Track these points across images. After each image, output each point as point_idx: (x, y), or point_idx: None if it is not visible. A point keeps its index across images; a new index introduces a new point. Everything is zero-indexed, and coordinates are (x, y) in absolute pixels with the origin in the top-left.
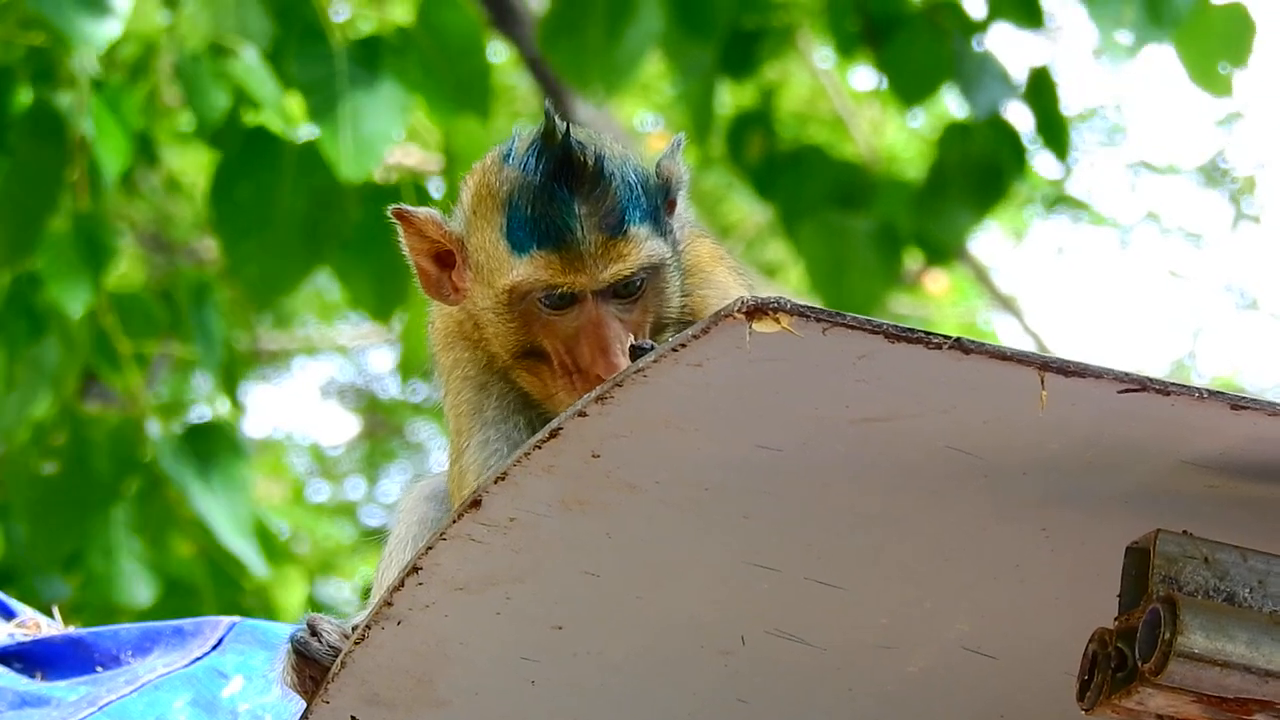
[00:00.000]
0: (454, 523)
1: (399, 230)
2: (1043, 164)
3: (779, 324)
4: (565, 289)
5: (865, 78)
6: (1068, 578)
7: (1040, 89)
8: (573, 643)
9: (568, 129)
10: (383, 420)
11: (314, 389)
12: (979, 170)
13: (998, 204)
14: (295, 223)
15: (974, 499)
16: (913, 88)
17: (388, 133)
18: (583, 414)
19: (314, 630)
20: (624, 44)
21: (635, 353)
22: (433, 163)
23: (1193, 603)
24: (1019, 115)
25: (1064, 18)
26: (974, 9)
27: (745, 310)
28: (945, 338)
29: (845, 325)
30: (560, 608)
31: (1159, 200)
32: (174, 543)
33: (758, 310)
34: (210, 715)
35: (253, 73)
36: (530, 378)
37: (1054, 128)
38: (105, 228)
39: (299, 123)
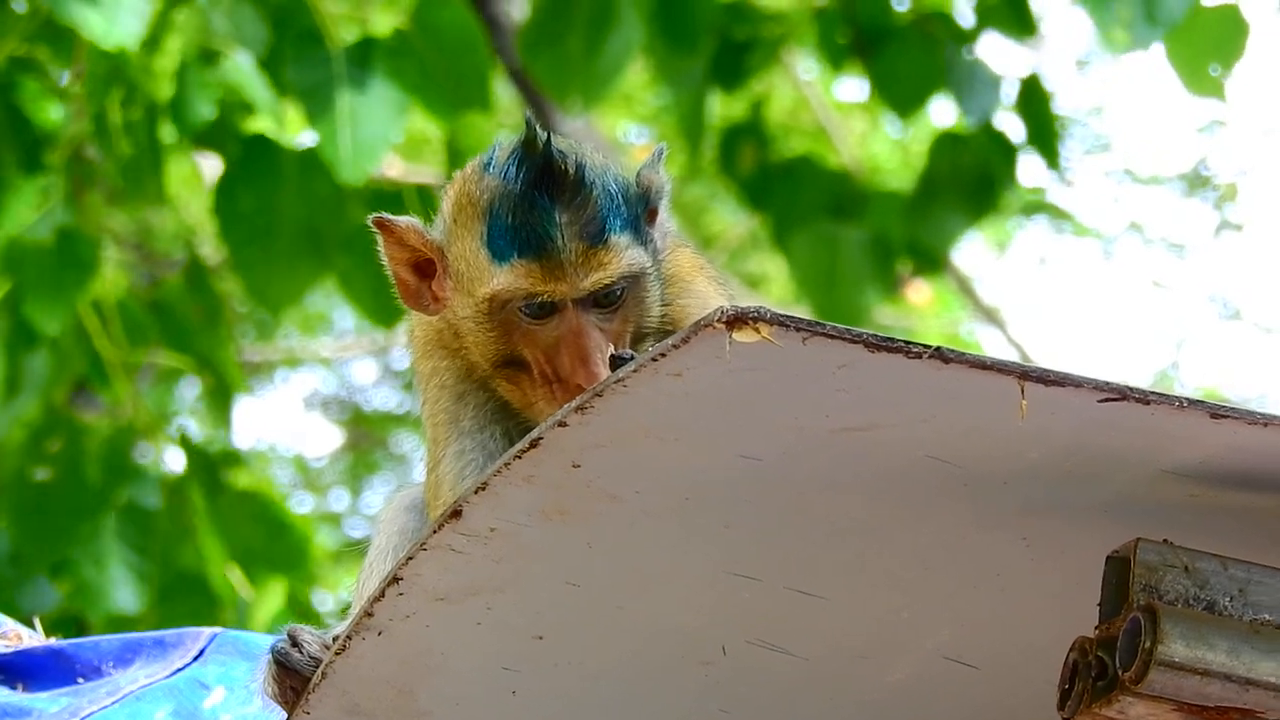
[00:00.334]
0: (434, 533)
1: (379, 240)
2: (1026, 174)
3: (759, 333)
4: (546, 298)
5: (849, 89)
6: (1048, 586)
7: (1032, 97)
8: (554, 653)
9: (549, 138)
10: (366, 432)
11: (297, 401)
12: (971, 179)
13: (989, 212)
14: (299, 230)
15: (954, 508)
16: (904, 97)
17: (386, 135)
18: (563, 424)
19: (295, 641)
20: (604, 54)
21: (615, 362)
22: (418, 175)
23: (1173, 611)
24: (1009, 124)
25: (1047, 28)
26: (964, 18)
27: (725, 320)
28: (925, 347)
29: (825, 335)
30: (541, 618)
31: (1142, 210)
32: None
33: (738, 320)
34: None
35: (246, 79)
36: (510, 387)
37: (1045, 135)
38: (87, 242)
39: (295, 129)
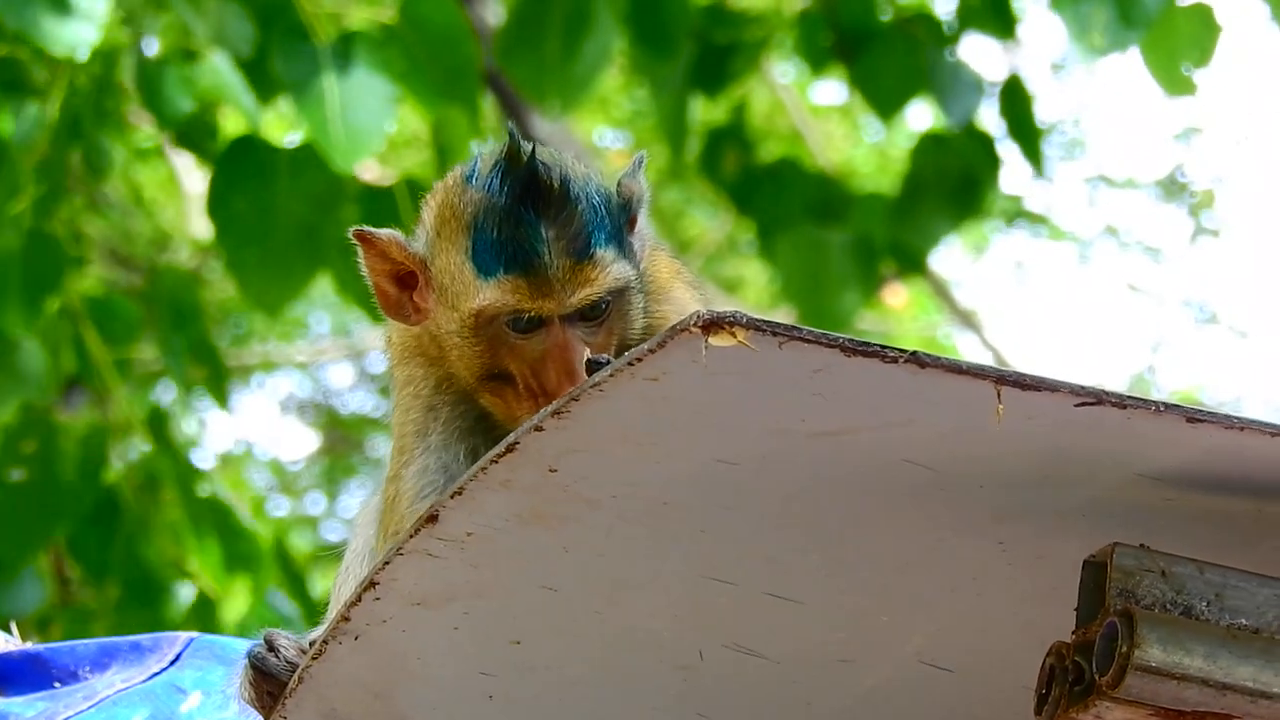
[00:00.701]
0: (411, 537)
1: (359, 252)
2: (1005, 178)
3: (735, 338)
4: (533, 314)
5: (827, 92)
6: (1025, 591)
7: (1014, 98)
8: (531, 657)
9: (533, 150)
10: (342, 436)
11: (274, 404)
12: (955, 180)
13: (974, 214)
14: (293, 229)
15: (931, 512)
16: (886, 99)
17: (379, 124)
18: (539, 428)
19: (271, 645)
20: (581, 58)
21: (592, 367)
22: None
23: (1150, 616)
24: (992, 126)
25: (1024, 32)
26: (946, 20)
27: (701, 324)
28: (902, 351)
29: (801, 339)
30: (518, 622)
31: (1118, 215)
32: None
33: (714, 324)
34: None
35: (226, 79)
36: (494, 399)
37: (1028, 137)
38: (56, 244)
39: (278, 130)
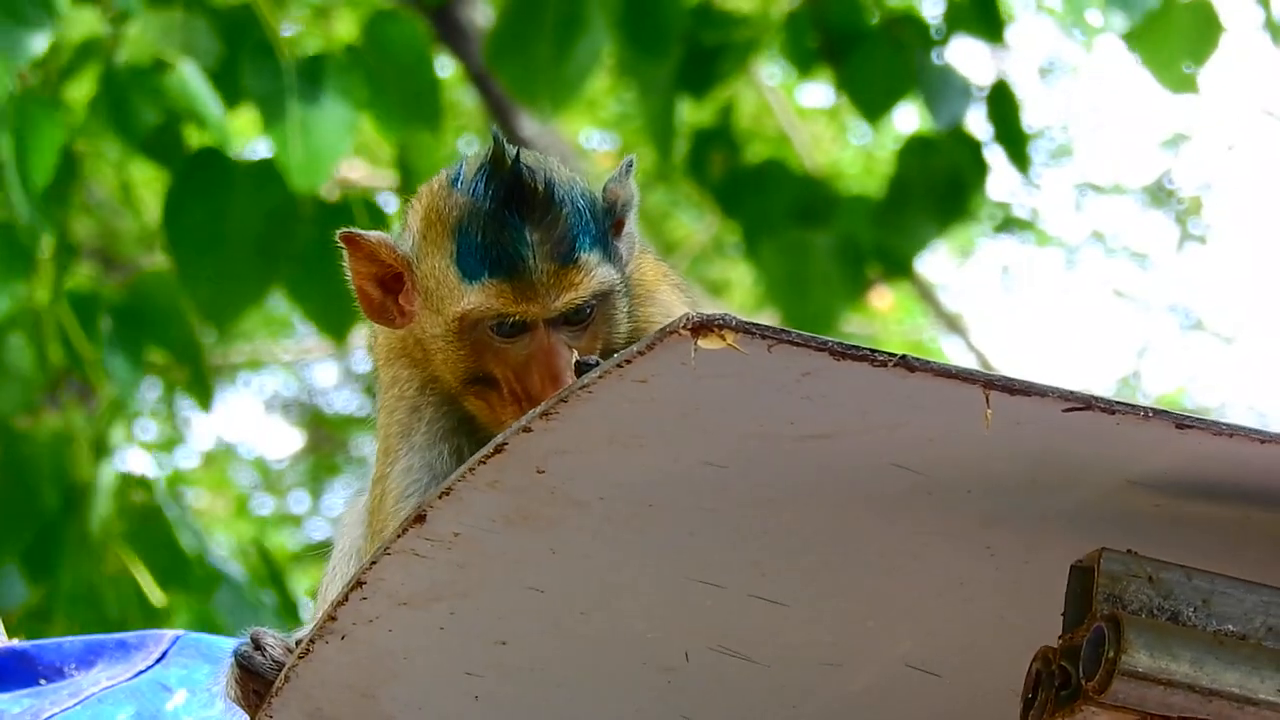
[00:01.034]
0: (398, 537)
1: (345, 254)
2: (993, 182)
3: (724, 340)
4: (517, 318)
5: (814, 94)
6: (1012, 596)
7: (1001, 101)
8: (516, 658)
9: (517, 154)
10: (327, 435)
11: (258, 403)
12: (941, 184)
13: (960, 217)
14: (248, 242)
15: (918, 517)
16: (873, 101)
17: (336, 147)
18: (527, 429)
19: (258, 644)
20: (572, 60)
21: (580, 369)
22: (379, 177)
23: (1137, 621)
24: (979, 129)
25: (1012, 36)
26: (934, 22)
27: (690, 327)
28: (890, 355)
29: (790, 342)
30: (504, 623)
31: (1105, 220)
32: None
33: (703, 327)
34: None
35: (195, 90)
36: (479, 403)
37: (1015, 140)
38: (25, 232)
39: (245, 141)
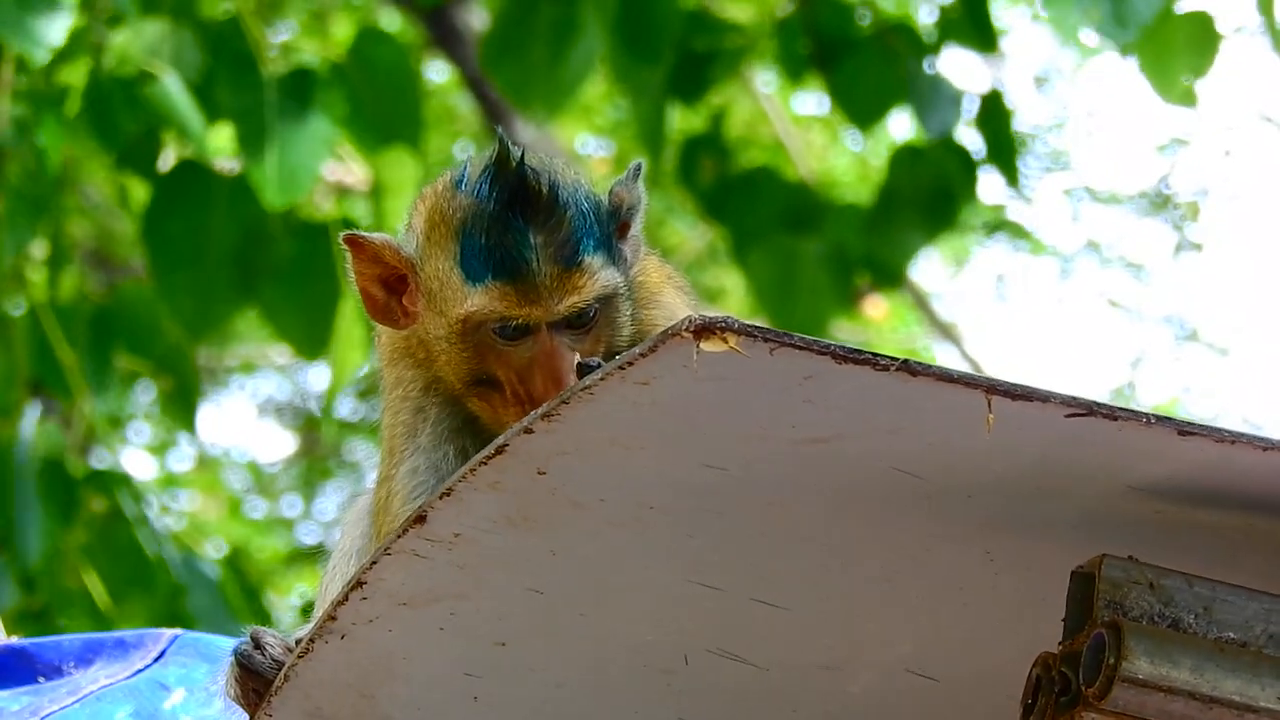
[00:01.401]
0: (399, 537)
1: (348, 256)
2: (986, 190)
3: (726, 343)
4: (520, 321)
5: (807, 102)
6: (1012, 601)
7: (992, 113)
8: (516, 660)
9: (522, 156)
10: (319, 439)
11: (251, 406)
12: (930, 193)
13: (948, 227)
14: (226, 256)
15: (919, 521)
16: (864, 110)
17: (313, 165)
18: (529, 430)
19: (258, 643)
20: (567, 65)
21: (582, 370)
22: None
23: (1137, 628)
24: (969, 139)
25: (1008, 44)
26: (926, 31)
27: (693, 329)
28: (893, 359)
29: (792, 346)
30: (504, 624)
31: (1100, 229)
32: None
33: (705, 329)
34: None
35: (177, 102)
36: (482, 405)
37: (1005, 152)
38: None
39: (225, 154)
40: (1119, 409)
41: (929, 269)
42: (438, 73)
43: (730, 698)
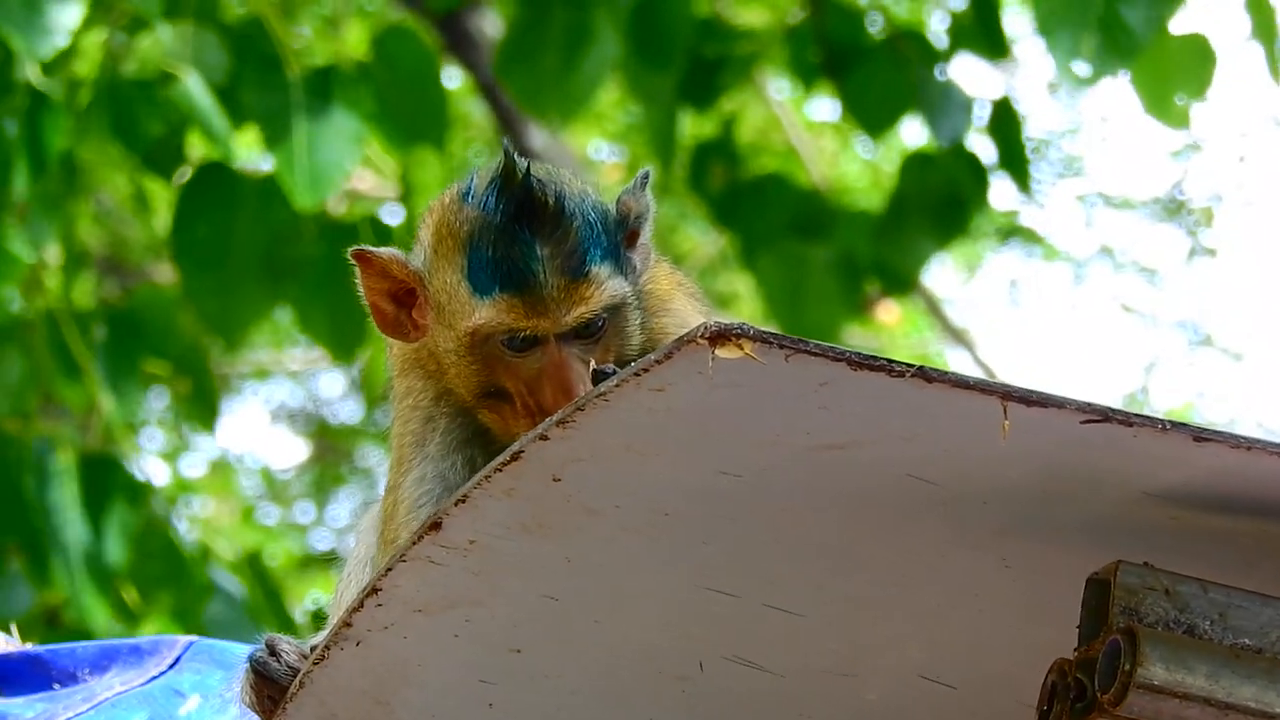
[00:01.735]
0: (414, 544)
1: (357, 271)
2: (998, 197)
3: (742, 350)
4: (528, 333)
5: (820, 109)
6: (1027, 608)
7: (1003, 119)
8: (531, 666)
9: (528, 167)
10: (332, 445)
11: (264, 412)
12: (940, 200)
13: (959, 234)
14: (253, 258)
15: (934, 528)
16: (875, 117)
17: (342, 163)
18: (544, 437)
19: (273, 650)
20: (580, 71)
21: (597, 377)
22: (387, 189)
23: (1153, 634)
24: (980, 146)
25: (1020, 49)
26: (937, 39)
27: (708, 336)
28: (908, 366)
29: (808, 352)
30: (519, 631)
31: (1113, 234)
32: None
33: (721, 336)
34: None
35: (200, 103)
36: (493, 416)
37: (1017, 159)
38: (24, 240)
39: (251, 155)
40: (1135, 415)
41: (942, 275)
42: (451, 79)
43: (744, 704)
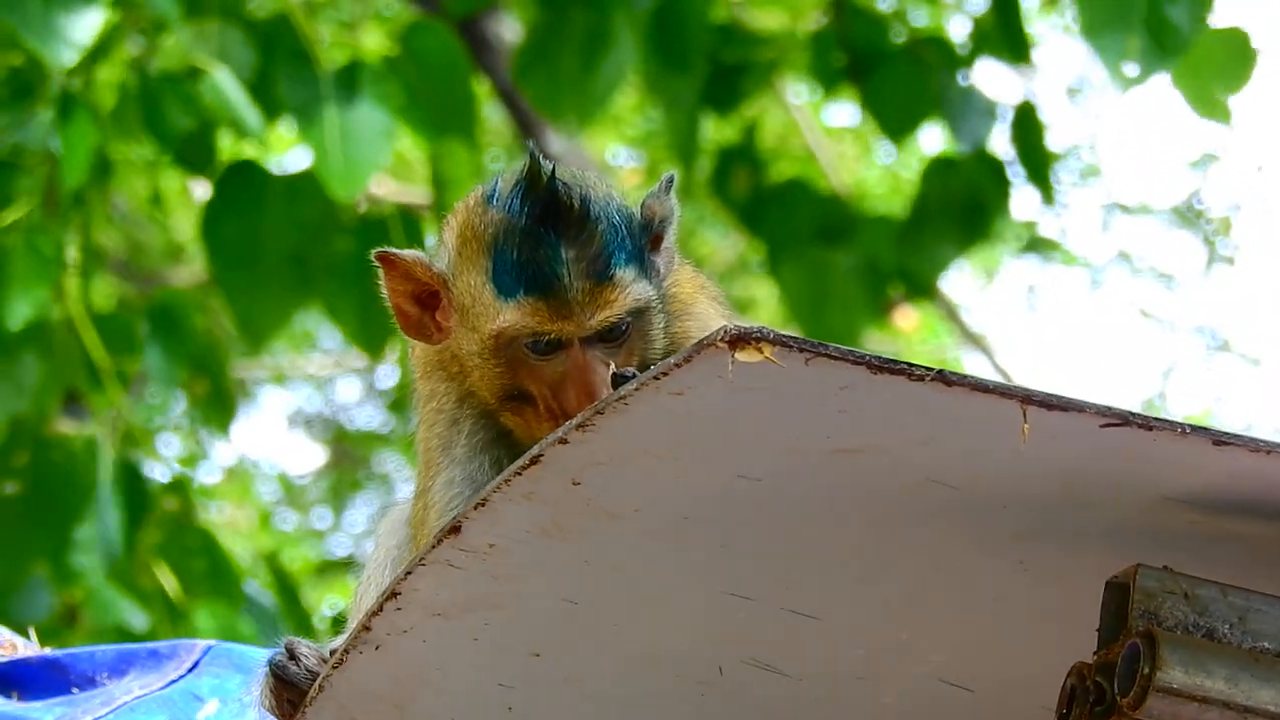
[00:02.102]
0: (433, 548)
1: (381, 273)
2: (1016, 203)
3: (761, 353)
4: (552, 336)
5: (839, 114)
6: (1046, 611)
7: (1026, 125)
8: (550, 670)
9: (553, 170)
10: (349, 451)
11: (281, 418)
12: (963, 205)
13: (981, 239)
14: (284, 255)
15: (953, 531)
16: (897, 122)
17: (374, 157)
18: (564, 441)
19: (292, 654)
20: (598, 75)
21: (617, 380)
22: (410, 193)
23: (1172, 638)
24: (1003, 150)
25: (1040, 56)
26: (960, 45)
27: (728, 339)
28: (928, 370)
29: (828, 356)
30: (538, 635)
31: (1131, 241)
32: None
33: (740, 339)
34: None
35: (229, 97)
36: (516, 419)
37: (1039, 164)
38: (52, 241)
39: (280, 150)
40: (1154, 419)
41: (959, 280)
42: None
43: (762, 707)
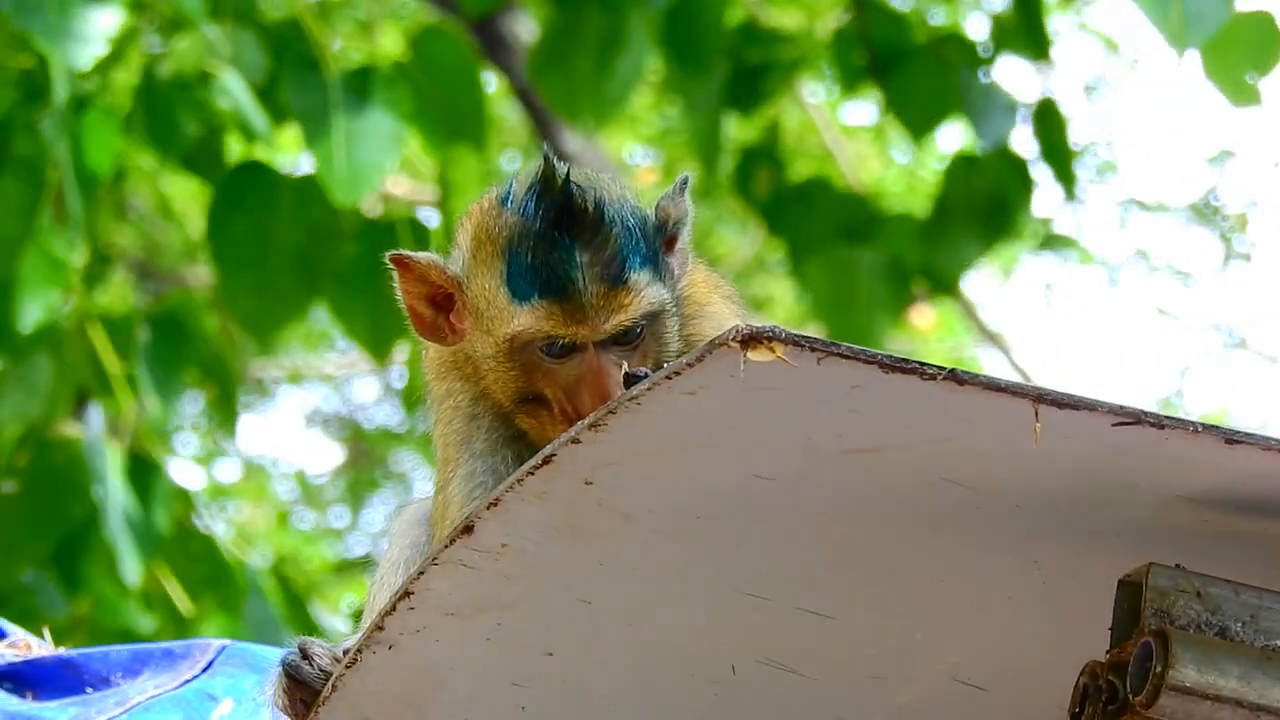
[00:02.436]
0: (446, 548)
1: (395, 275)
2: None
3: (774, 353)
4: (567, 339)
5: (857, 113)
6: (1059, 610)
7: (1047, 121)
8: (563, 670)
9: (568, 173)
10: (366, 450)
11: (299, 417)
12: (986, 203)
13: (1004, 237)
14: (291, 257)
15: (966, 531)
16: (919, 120)
17: (381, 162)
18: (576, 440)
19: (305, 653)
20: (614, 75)
21: (629, 380)
22: (424, 192)
23: (1185, 636)
24: (1024, 148)
25: (1057, 54)
26: (981, 43)
27: (740, 338)
28: (940, 369)
29: (840, 355)
30: (551, 635)
31: (1148, 238)
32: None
33: (753, 339)
34: None
35: (240, 101)
36: (530, 421)
37: (1061, 160)
38: (65, 243)
39: (290, 155)
40: (1166, 418)
41: (977, 278)
42: (485, 83)
43: (776, 707)
